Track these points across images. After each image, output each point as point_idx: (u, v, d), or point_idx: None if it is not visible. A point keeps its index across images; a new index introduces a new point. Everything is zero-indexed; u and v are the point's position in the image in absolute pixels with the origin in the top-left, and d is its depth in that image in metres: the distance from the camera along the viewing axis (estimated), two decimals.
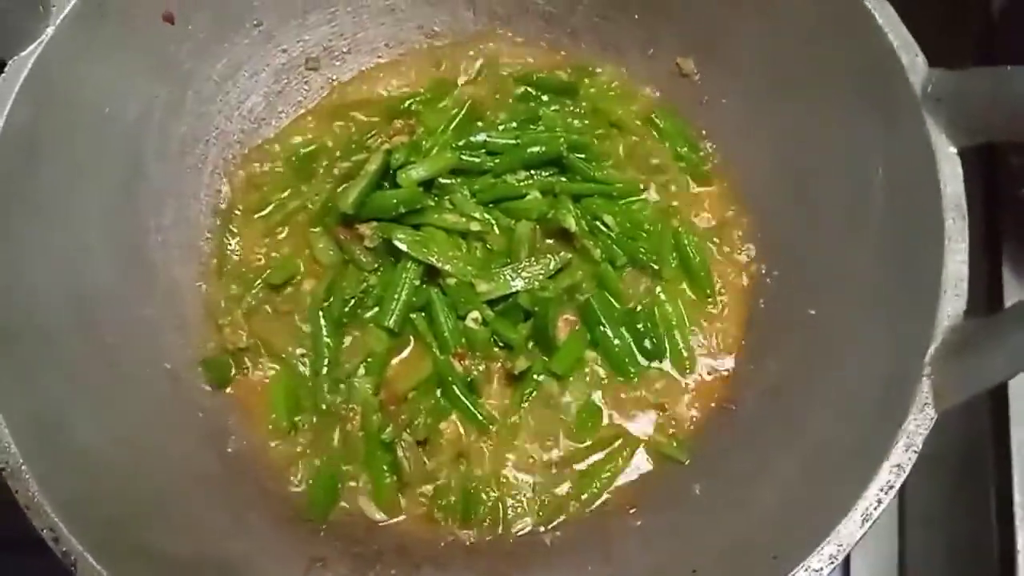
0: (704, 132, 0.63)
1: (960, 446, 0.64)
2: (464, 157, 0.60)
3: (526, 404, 0.57)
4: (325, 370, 0.58)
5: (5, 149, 0.47)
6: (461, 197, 0.60)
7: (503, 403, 0.57)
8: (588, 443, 0.56)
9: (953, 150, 0.44)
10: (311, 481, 0.55)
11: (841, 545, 0.40)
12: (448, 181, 0.60)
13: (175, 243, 0.59)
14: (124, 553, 0.42)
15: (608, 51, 0.65)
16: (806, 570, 0.39)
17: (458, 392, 0.56)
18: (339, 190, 0.59)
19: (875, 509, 0.40)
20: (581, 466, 0.56)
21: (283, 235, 0.62)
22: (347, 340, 0.58)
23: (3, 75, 0.48)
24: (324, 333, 0.58)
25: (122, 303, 0.54)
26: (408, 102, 0.65)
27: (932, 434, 0.61)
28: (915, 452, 0.41)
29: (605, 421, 0.57)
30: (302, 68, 0.66)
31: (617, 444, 0.56)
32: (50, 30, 0.49)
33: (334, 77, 0.67)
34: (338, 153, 0.64)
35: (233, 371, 0.58)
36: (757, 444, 0.43)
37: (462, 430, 0.57)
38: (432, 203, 0.59)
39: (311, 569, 0.50)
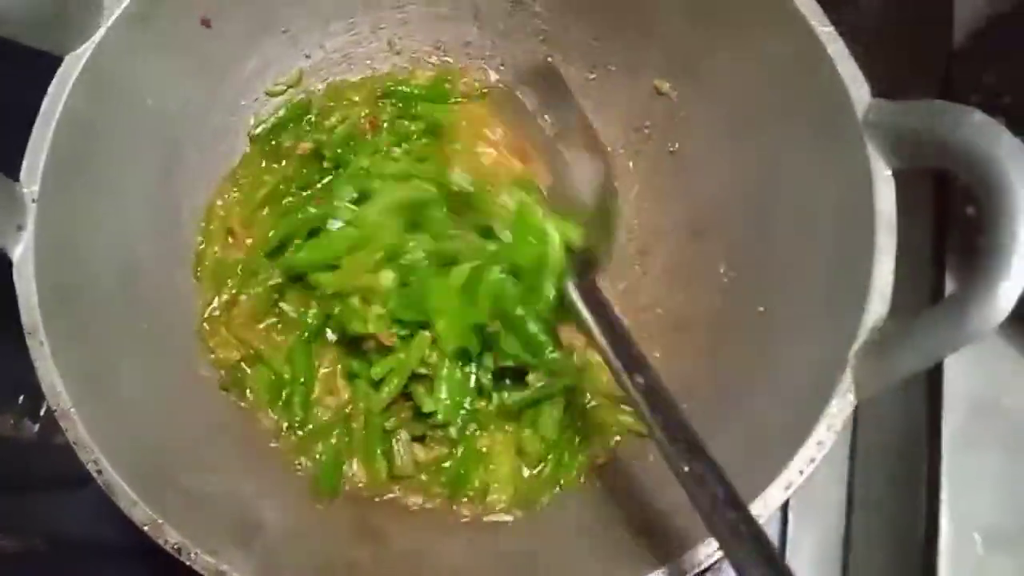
0: (677, 145, 0.69)
1: (902, 441, 0.70)
2: None
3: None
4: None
5: (65, 132, 0.53)
6: None
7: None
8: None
9: (888, 173, 0.50)
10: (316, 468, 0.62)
11: (767, 507, 0.47)
12: None
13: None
14: (155, 486, 0.49)
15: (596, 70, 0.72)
16: None
17: None
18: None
19: (799, 478, 0.47)
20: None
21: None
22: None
23: (61, 68, 0.54)
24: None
25: (159, 272, 0.61)
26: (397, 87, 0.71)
27: (879, 425, 0.69)
28: (835, 432, 0.47)
29: None
30: (323, 71, 0.73)
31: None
32: (102, 30, 0.55)
33: (346, 80, 0.74)
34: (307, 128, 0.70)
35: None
36: (706, 424, 0.49)
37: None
38: None
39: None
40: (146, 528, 0.47)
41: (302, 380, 0.62)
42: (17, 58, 0.53)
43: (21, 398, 0.71)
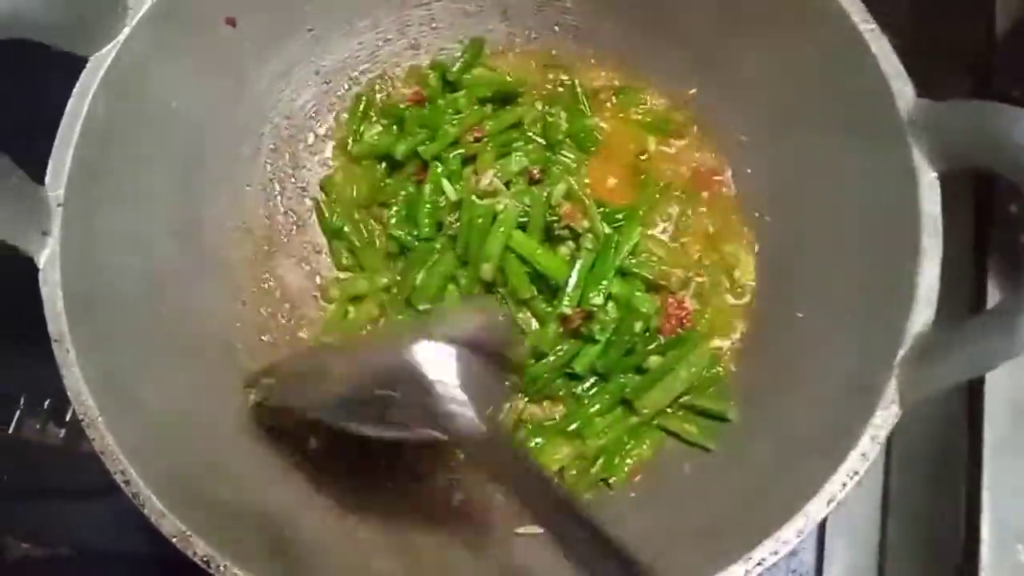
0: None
1: (940, 447, 0.68)
2: None
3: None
4: None
5: (88, 136, 0.52)
6: None
7: None
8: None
9: (934, 175, 0.49)
10: None
11: (808, 520, 0.45)
12: None
13: (229, 227, 0.65)
14: (184, 497, 0.48)
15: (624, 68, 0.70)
16: (776, 540, 0.45)
17: None
18: None
19: (841, 491, 0.45)
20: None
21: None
22: None
23: (85, 70, 0.53)
24: None
25: (182, 279, 0.60)
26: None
27: (916, 432, 0.67)
28: (880, 444, 0.46)
29: None
30: (348, 70, 0.72)
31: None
32: (127, 30, 0.54)
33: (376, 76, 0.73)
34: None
35: None
36: (741, 433, 0.48)
37: None
38: None
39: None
40: (174, 540, 0.46)
41: None
42: (41, 60, 0.52)
43: (47, 403, 0.70)
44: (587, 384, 0.62)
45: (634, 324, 0.61)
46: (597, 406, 0.61)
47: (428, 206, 0.66)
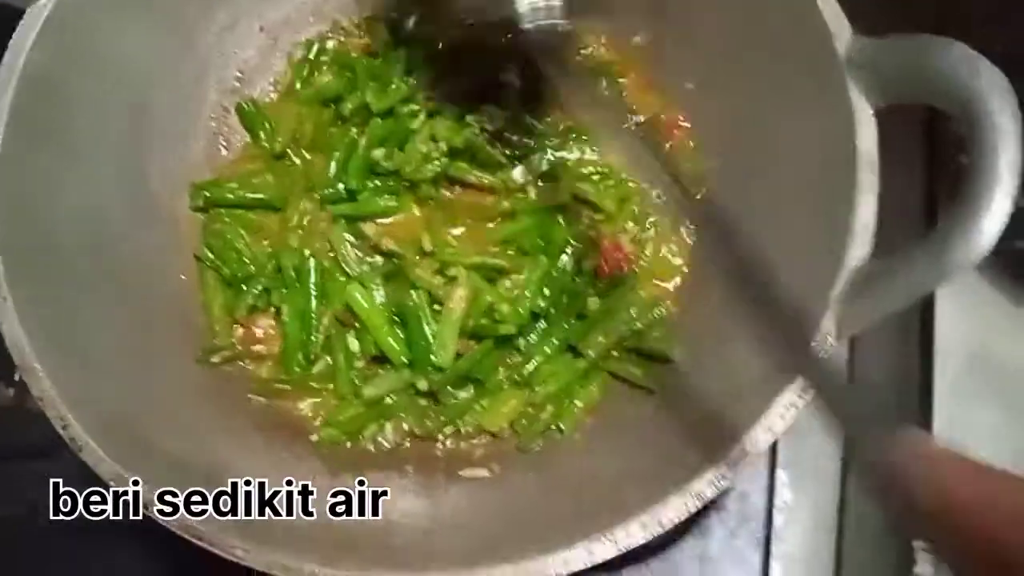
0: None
1: (896, 395, 0.69)
2: None
3: None
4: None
5: (25, 89, 0.52)
6: None
7: None
8: None
9: (870, 111, 0.49)
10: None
11: (746, 452, 0.46)
12: None
13: (175, 177, 0.65)
14: (123, 443, 0.48)
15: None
16: (716, 472, 0.45)
17: None
18: None
19: (780, 422, 0.46)
20: None
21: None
22: None
23: (22, 22, 0.52)
24: None
25: (127, 231, 0.59)
26: None
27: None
28: None
29: None
30: (294, 24, 0.71)
31: None
32: None
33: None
34: None
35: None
36: (686, 374, 0.48)
37: None
38: None
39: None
40: (112, 484, 0.46)
41: None
42: None
43: None
44: (531, 336, 0.62)
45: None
46: (543, 354, 0.61)
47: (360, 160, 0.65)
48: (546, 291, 0.62)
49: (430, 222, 0.65)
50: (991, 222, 0.40)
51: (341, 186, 0.65)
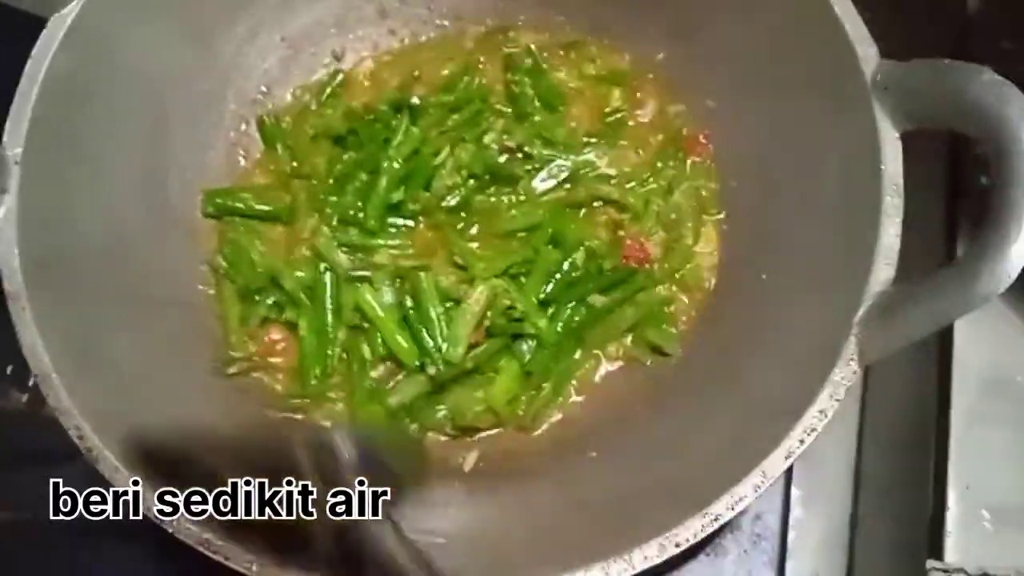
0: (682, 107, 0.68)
1: (911, 414, 0.69)
2: None
3: None
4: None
5: (48, 95, 0.52)
6: None
7: None
8: None
9: (896, 134, 0.49)
10: None
11: (767, 476, 0.45)
12: None
13: (194, 186, 0.65)
14: (141, 454, 0.47)
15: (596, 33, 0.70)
16: (732, 496, 0.45)
17: None
18: None
19: (798, 447, 0.45)
20: None
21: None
22: None
23: (45, 30, 0.53)
24: None
25: (146, 240, 0.59)
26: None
27: (887, 404, 0.67)
28: (838, 400, 0.46)
29: None
30: (314, 36, 0.71)
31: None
32: None
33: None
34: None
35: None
36: (705, 392, 0.48)
37: None
38: None
39: None
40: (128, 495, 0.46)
41: None
42: (7, 20, 0.52)
43: (9, 368, 0.70)
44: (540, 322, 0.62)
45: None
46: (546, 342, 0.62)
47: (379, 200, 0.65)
48: (553, 282, 0.62)
49: (446, 236, 0.65)
50: (1019, 251, 0.40)
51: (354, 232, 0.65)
